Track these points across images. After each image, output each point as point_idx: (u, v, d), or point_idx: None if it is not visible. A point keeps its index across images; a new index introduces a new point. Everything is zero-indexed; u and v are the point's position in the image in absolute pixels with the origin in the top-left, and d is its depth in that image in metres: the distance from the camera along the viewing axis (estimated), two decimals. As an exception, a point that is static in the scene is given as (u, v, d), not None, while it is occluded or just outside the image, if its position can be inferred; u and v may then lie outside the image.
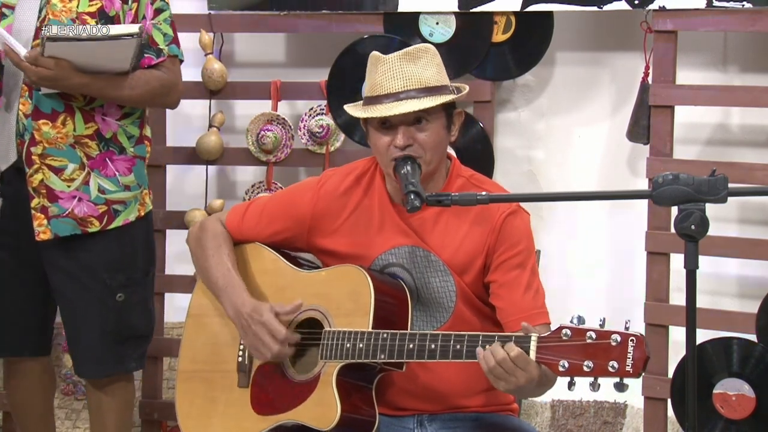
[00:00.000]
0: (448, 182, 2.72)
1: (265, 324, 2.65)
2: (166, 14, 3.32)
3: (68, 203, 3.21)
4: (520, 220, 2.69)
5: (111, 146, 3.25)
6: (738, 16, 3.62)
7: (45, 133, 3.16)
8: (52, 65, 3.07)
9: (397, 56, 2.63)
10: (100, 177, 3.24)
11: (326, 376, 2.60)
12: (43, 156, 3.18)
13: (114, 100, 3.23)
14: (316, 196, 2.77)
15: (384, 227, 2.73)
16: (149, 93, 3.26)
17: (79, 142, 3.21)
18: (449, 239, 2.69)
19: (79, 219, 3.22)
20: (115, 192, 3.26)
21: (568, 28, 3.96)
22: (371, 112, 2.62)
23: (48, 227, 3.21)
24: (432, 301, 2.70)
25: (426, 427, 2.72)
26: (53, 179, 3.19)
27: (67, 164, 3.20)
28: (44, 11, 3.16)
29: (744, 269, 3.88)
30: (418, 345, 2.51)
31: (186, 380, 2.85)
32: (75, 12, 3.17)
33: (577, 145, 4.09)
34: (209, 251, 2.81)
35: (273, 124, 4.05)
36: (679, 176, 2.27)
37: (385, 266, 2.73)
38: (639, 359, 2.27)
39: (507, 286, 2.65)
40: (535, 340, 2.36)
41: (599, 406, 4.03)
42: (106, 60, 3.14)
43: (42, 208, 3.20)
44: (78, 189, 3.22)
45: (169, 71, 3.31)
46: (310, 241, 2.79)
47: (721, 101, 3.79)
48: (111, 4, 3.21)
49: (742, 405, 3.48)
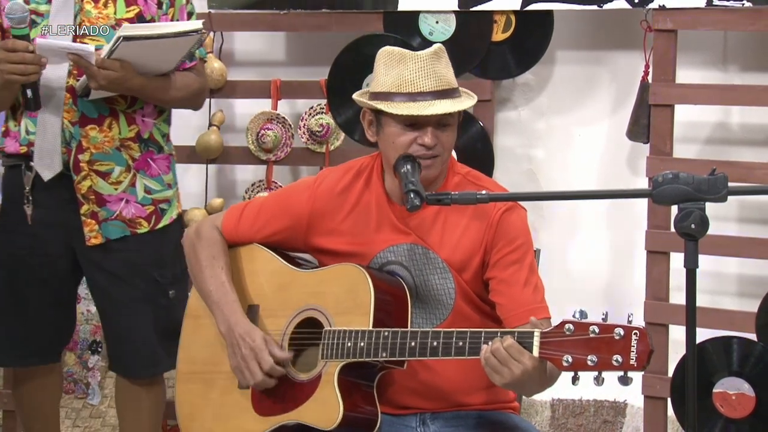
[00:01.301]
0: (446, 180, 2.72)
1: (256, 351, 2.66)
2: (194, 17, 3.39)
3: (116, 206, 3.26)
4: (517, 216, 2.70)
5: (150, 146, 3.31)
6: (738, 15, 3.62)
7: (93, 138, 3.20)
8: (118, 67, 3.09)
9: (427, 54, 2.61)
10: (145, 177, 3.30)
11: (327, 375, 2.60)
12: (91, 162, 3.22)
13: (160, 101, 3.30)
14: (314, 196, 2.77)
15: (382, 225, 2.72)
16: (189, 95, 3.34)
17: (123, 144, 3.25)
18: (447, 237, 2.69)
19: (128, 221, 3.27)
20: (160, 191, 3.33)
21: (567, 26, 3.96)
22: (405, 109, 2.59)
23: (99, 232, 3.25)
24: (431, 299, 2.70)
25: (428, 426, 2.72)
26: (101, 184, 3.24)
27: (113, 167, 3.24)
28: (78, 18, 3.18)
29: (744, 268, 3.88)
30: (419, 342, 2.51)
31: (185, 381, 2.85)
32: (113, 18, 3.19)
33: (577, 144, 4.10)
34: (203, 262, 2.81)
35: (273, 123, 4.05)
36: (679, 175, 2.27)
37: (384, 264, 2.72)
38: (643, 352, 2.27)
39: (506, 282, 2.65)
40: (538, 336, 2.36)
41: (599, 405, 4.03)
42: (159, 59, 3.19)
43: (92, 213, 3.24)
44: (125, 191, 3.27)
45: (201, 74, 3.39)
46: (308, 240, 2.79)
47: (720, 100, 3.79)
48: (148, 8, 3.24)
49: (742, 404, 3.48)
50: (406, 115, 2.58)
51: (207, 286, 2.79)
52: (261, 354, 2.65)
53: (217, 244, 2.83)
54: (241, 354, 2.67)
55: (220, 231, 2.84)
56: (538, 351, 2.35)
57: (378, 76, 2.66)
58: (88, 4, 3.19)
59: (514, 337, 2.38)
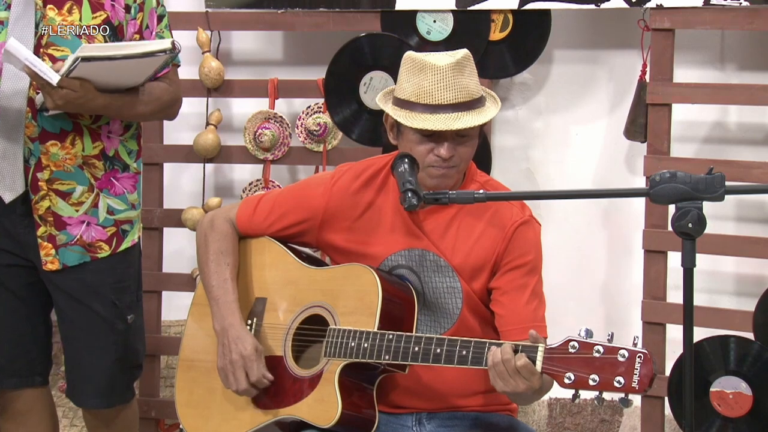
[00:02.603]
0: (463, 186, 2.72)
1: (246, 359, 2.66)
2: (166, 20, 3.18)
3: (76, 229, 3.07)
4: (532, 232, 2.69)
5: (115, 164, 3.12)
6: (735, 14, 3.62)
7: (53, 155, 3.01)
8: (78, 87, 2.89)
9: (449, 66, 2.58)
10: (108, 197, 3.11)
11: (329, 373, 2.60)
12: (51, 181, 3.03)
13: (127, 118, 3.11)
14: (329, 192, 2.76)
15: (395, 228, 2.72)
16: (160, 108, 3.14)
17: (86, 162, 3.06)
18: (460, 245, 2.68)
19: (87, 245, 3.09)
20: (124, 211, 3.13)
21: (565, 26, 3.96)
22: (420, 121, 2.58)
23: (56, 257, 3.07)
24: (438, 306, 2.70)
25: (424, 426, 2.72)
26: (60, 205, 3.05)
27: (75, 187, 3.06)
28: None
29: (741, 267, 3.89)
30: (423, 348, 2.51)
31: (187, 369, 2.85)
32: (78, 25, 2.99)
33: (574, 143, 4.10)
34: (211, 255, 2.81)
35: (270, 122, 4.05)
36: (677, 174, 2.27)
37: (393, 268, 2.72)
38: (645, 376, 2.27)
39: (510, 295, 2.65)
40: (542, 351, 2.36)
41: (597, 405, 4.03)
42: (127, 77, 3.01)
43: (49, 236, 3.06)
44: (87, 213, 3.08)
45: (173, 83, 3.17)
46: (320, 236, 2.79)
47: (718, 99, 3.79)
48: (115, 14, 3.04)
49: (739, 403, 3.48)
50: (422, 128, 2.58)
51: (210, 279, 2.79)
52: (251, 364, 2.66)
53: (228, 238, 2.82)
54: (230, 358, 2.68)
55: (233, 224, 2.84)
56: (541, 365, 2.35)
57: (401, 82, 2.65)
58: (51, 10, 2.98)
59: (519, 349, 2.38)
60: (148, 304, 3.85)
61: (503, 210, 2.68)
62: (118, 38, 3.04)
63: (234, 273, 2.79)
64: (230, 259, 2.80)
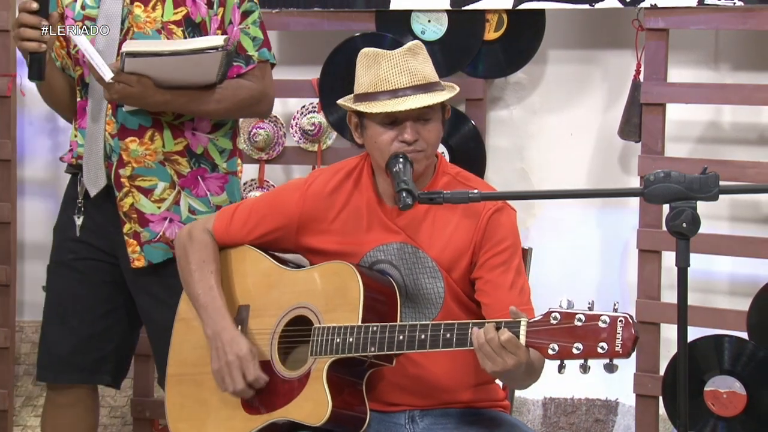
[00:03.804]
0: (434, 179, 2.72)
1: (242, 360, 2.66)
2: (255, 16, 3.13)
3: (159, 226, 3.07)
4: (506, 217, 2.70)
5: (203, 163, 3.10)
6: (729, 14, 3.62)
7: (133, 151, 3.03)
8: (135, 82, 2.91)
9: (400, 52, 2.64)
10: (190, 197, 3.09)
11: (317, 372, 2.60)
12: (132, 177, 3.04)
13: (200, 114, 3.07)
14: (304, 197, 2.77)
15: (372, 225, 2.73)
16: (237, 105, 3.08)
17: (168, 159, 3.06)
18: (437, 236, 2.69)
19: (171, 242, 3.05)
20: (205, 213, 3.08)
21: (559, 26, 3.96)
22: (381, 107, 2.61)
23: (142, 254, 3.07)
24: (421, 298, 2.70)
25: (417, 423, 2.72)
26: (143, 202, 3.05)
27: (156, 183, 3.05)
28: (127, 23, 3.01)
29: (735, 267, 3.89)
30: (408, 336, 2.52)
31: (176, 384, 2.85)
32: (160, 22, 3.00)
33: (568, 142, 4.10)
34: (193, 265, 2.81)
35: (265, 122, 4.05)
36: (671, 174, 2.28)
37: (374, 263, 2.73)
38: (628, 339, 2.28)
39: (492, 283, 2.65)
40: (524, 325, 2.37)
41: (591, 404, 4.04)
42: (190, 74, 2.98)
43: (134, 233, 3.07)
44: (169, 210, 3.07)
45: (258, 79, 3.11)
46: (299, 241, 2.79)
47: (712, 99, 3.80)
48: (197, 10, 3.03)
49: (734, 402, 3.49)
50: (382, 112, 2.60)
51: (195, 289, 2.79)
52: (247, 364, 2.66)
53: (207, 247, 2.83)
54: (225, 360, 2.67)
55: (211, 234, 2.84)
56: (524, 339, 2.36)
57: (358, 78, 2.68)
58: (138, 7, 3.01)
59: (501, 325, 2.39)
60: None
61: None
62: (201, 34, 3.04)
63: (218, 280, 2.79)
64: (213, 266, 2.80)
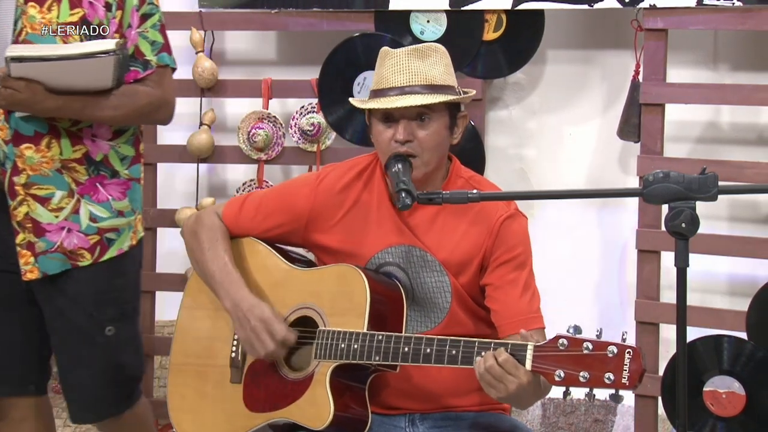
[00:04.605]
0: (447, 183, 2.71)
1: (266, 321, 2.63)
2: (155, 19, 2.99)
3: (56, 236, 2.92)
4: (518, 225, 2.69)
5: (102, 170, 2.96)
6: (728, 14, 3.62)
7: (29, 158, 2.87)
8: (23, 87, 2.77)
9: (405, 51, 2.65)
10: (91, 203, 2.94)
11: (320, 375, 2.59)
12: (28, 185, 2.89)
13: (97, 120, 2.92)
14: (314, 192, 2.76)
15: (381, 225, 2.72)
16: (136, 112, 2.95)
17: (66, 166, 2.91)
18: (446, 240, 2.68)
19: (69, 252, 2.93)
20: (108, 219, 2.97)
21: (559, 26, 3.97)
22: (373, 103, 2.63)
23: (35, 265, 2.92)
24: (427, 301, 2.70)
25: (418, 426, 2.72)
26: (39, 211, 2.90)
27: (54, 192, 2.91)
28: (20, 24, 2.84)
29: (734, 267, 3.89)
30: (413, 348, 2.51)
31: (178, 373, 2.84)
32: (56, 23, 2.85)
33: (568, 143, 4.10)
34: (205, 244, 2.78)
35: (264, 122, 4.05)
36: (670, 174, 2.27)
37: (381, 265, 2.72)
38: (635, 372, 2.27)
39: (502, 290, 2.64)
40: (531, 349, 2.35)
41: (590, 404, 4.04)
42: (82, 79, 2.83)
43: (28, 244, 2.91)
44: (67, 219, 2.92)
45: (157, 84, 2.97)
46: (307, 236, 2.78)
47: (711, 99, 3.80)
48: (94, 12, 2.88)
49: (733, 402, 3.49)
50: (380, 110, 2.62)
51: (209, 267, 2.75)
52: (272, 325, 2.62)
53: (218, 229, 2.81)
54: (250, 326, 2.64)
55: (221, 219, 2.83)
56: (530, 364, 2.35)
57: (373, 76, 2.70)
58: (33, 8, 2.85)
59: (507, 349, 2.38)
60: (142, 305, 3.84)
61: (489, 205, 2.68)
62: (101, 38, 2.90)
63: (232, 257, 2.76)
64: (225, 245, 2.77)
